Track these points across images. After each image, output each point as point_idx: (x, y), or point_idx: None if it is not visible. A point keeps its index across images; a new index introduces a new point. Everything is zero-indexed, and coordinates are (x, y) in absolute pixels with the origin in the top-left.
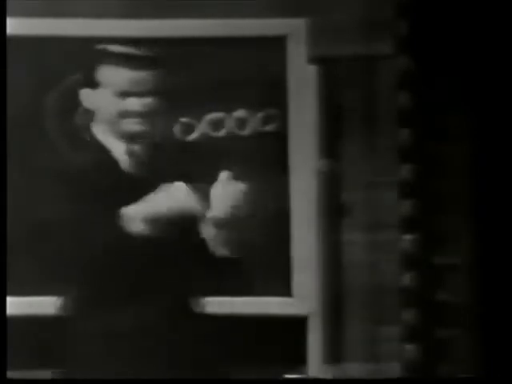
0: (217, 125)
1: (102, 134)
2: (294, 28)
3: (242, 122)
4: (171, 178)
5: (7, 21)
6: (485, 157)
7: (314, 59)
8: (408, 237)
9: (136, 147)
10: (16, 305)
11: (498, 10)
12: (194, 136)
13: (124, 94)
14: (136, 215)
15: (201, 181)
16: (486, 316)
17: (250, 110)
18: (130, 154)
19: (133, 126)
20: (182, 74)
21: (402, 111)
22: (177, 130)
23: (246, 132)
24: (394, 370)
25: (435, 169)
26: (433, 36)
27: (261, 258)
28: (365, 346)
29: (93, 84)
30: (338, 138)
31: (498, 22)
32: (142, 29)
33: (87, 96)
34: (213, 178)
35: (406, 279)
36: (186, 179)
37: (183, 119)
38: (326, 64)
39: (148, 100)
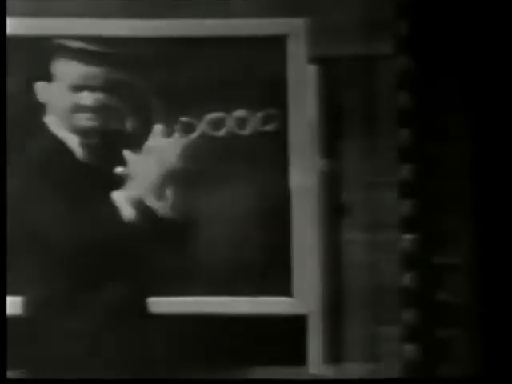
0: (217, 124)
1: (56, 126)
2: (293, 28)
3: (242, 122)
4: None
5: None
6: (485, 157)
7: (314, 59)
8: (408, 237)
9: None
10: None
11: (498, 10)
12: (194, 135)
13: (78, 88)
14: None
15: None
16: (485, 316)
17: (249, 109)
18: (84, 146)
19: (86, 121)
20: (183, 74)
21: (402, 111)
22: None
23: (246, 132)
24: (393, 369)
25: (435, 169)
26: (433, 36)
27: (261, 257)
28: (365, 345)
29: (47, 78)
30: (338, 137)
31: (498, 22)
32: (137, 28)
33: (42, 89)
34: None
35: (406, 279)
36: None
37: (183, 119)
38: (326, 64)
39: (101, 96)
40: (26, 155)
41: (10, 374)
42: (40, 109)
